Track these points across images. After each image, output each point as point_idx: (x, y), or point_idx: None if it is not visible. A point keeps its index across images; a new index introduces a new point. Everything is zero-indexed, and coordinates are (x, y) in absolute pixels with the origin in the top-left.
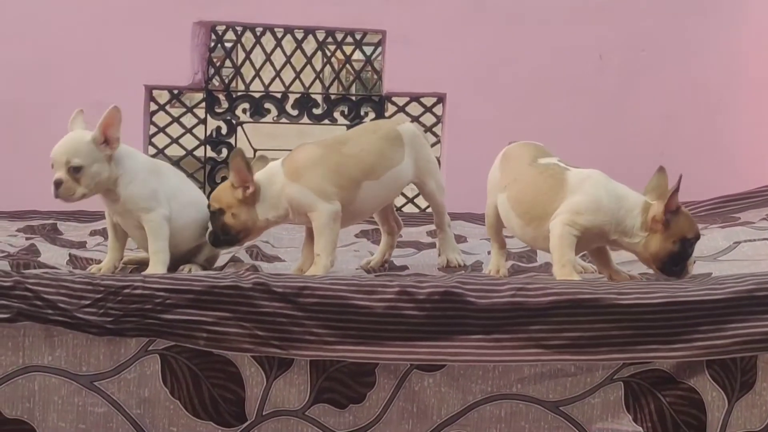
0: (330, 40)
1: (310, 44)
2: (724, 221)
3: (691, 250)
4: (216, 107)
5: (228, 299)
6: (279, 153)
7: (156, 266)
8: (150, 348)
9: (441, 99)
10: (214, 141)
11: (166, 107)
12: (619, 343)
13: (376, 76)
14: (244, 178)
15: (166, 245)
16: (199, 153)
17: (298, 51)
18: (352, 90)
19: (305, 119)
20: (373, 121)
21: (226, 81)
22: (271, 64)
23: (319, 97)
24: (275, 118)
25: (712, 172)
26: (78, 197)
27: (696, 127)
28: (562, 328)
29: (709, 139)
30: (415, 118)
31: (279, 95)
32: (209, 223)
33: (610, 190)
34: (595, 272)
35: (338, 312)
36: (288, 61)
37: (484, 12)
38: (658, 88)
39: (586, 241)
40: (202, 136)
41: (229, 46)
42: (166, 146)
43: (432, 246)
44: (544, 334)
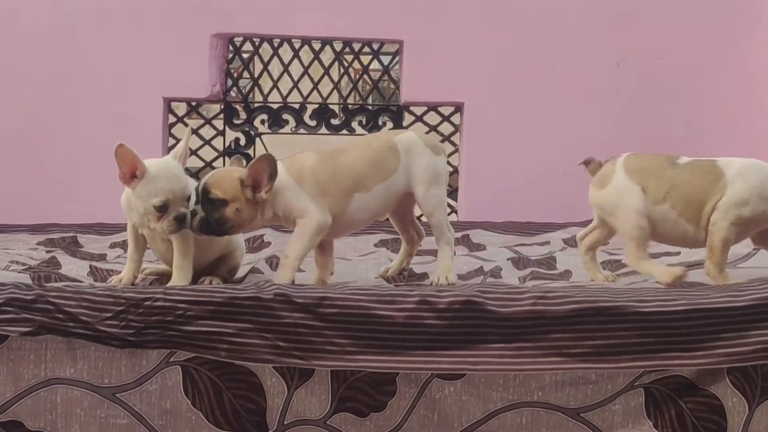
0: (347, 51)
1: (328, 55)
2: None
3: None
4: (234, 119)
5: (249, 310)
6: None
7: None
8: (171, 359)
9: (459, 108)
10: (233, 152)
11: (185, 119)
12: (641, 351)
13: (393, 86)
14: (263, 184)
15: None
16: (218, 164)
17: (316, 62)
18: (370, 100)
19: (323, 129)
20: (373, 133)
21: (244, 92)
22: (289, 75)
23: (336, 108)
24: (293, 129)
25: None
26: None
27: (715, 132)
28: (583, 336)
29: (730, 145)
30: (433, 128)
31: (297, 106)
32: (196, 207)
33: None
34: (616, 279)
35: (359, 322)
36: (306, 71)
37: (500, 20)
38: (676, 94)
39: (750, 231)
40: (221, 148)
41: (246, 58)
42: None
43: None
44: (565, 342)
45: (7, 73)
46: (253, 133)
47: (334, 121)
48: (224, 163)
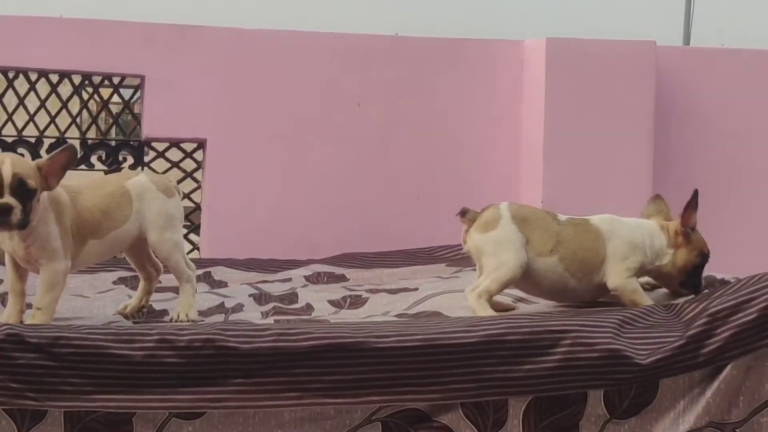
0: (87, 84)
1: (66, 88)
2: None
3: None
4: None
5: None
6: None
7: None
8: None
9: (201, 144)
10: None
11: None
12: (377, 386)
13: (135, 121)
14: (56, 175)
15: None
16: None
17: (53, 95)
18: (111, 134)
19: None
20: (107, 176)
21: None
22: (24, 107)
23: (76, 142)
24: None
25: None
26: None
27: (448, 172)
28: (323, 372)
29: (460, 184)
30: (175, 164)
31: (33, 140)
32: (9, 199)
33: (632, 224)
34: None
35: (95, 361)
36: (42, 104)
37: (242, 57)
38: (414, 135)
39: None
40: None
41: None
42: None
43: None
44: (304, 378)
45: None
46: None
47: None
48: None
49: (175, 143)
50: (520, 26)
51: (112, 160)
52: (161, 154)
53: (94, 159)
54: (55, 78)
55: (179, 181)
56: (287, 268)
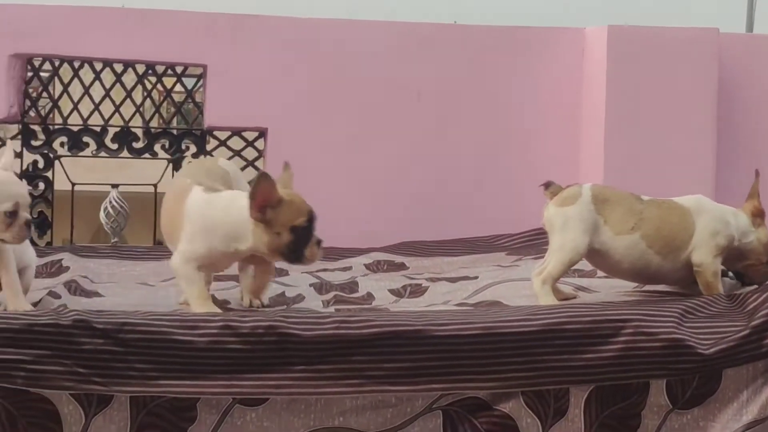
0: (150, 73)
1: (130, 77)
2: (538, 253)
3: None
4: (32, 140)
5: (47, 337)
6: (99, 187)
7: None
8: None
9: (263, 133)
10: (31, 175)
11: None
12: (437, 374)
13: (197, 110)
14: None
15: None
16: None
17: (118, 84)
18: (174, 123)
19: (125, 153)
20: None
21: (43, 114)
22: (90, 97)
23: (139, 131)
24: (94, 152)
25: (527, 205)
26: None
27: (508, 161)
28: (382, 359)
29: (520, 174)
30: (237, 152)
31: (98, 129)
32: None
33: (718, 206)
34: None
35: (160, 347)
36: (107, 94)
37: (305, 47)
38: (474, 124)
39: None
40: (18, 171)
41: (46, 78)
42: None
43: None
44: (365, 365)
45: None
46: (52, 156)
47: (137, 145)
48: None
49: (237, 132)
50: (581, 13)
51: (175, 149)
52: (223, 143)
53: (157, 147)
54: (119, 68)
55: (241, 170)
56: (347, 256)
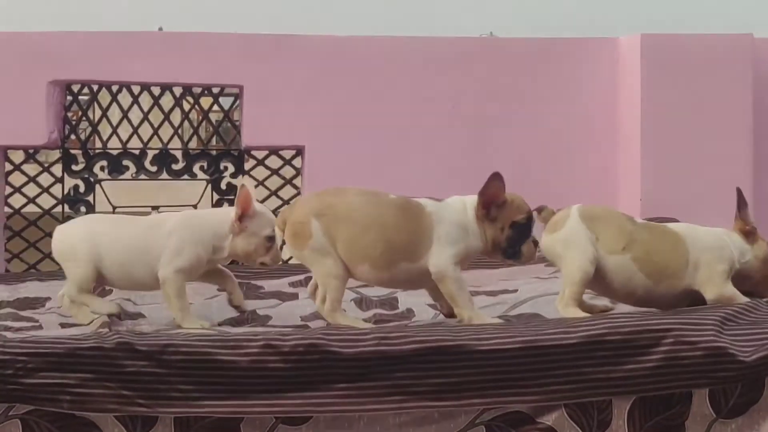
0: (187, 95)
1: (167, 99)
2: None
3: None
4: (73, 165)
5: (91, 360)
6: (140, 210)
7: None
8: (10, 413)
9: (300, 151)
10: (72, 199)
11: (21, 166)
12: (479, 388)
13: (235, 130)
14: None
15: None
16: (57, 212)
17: (156, 107)
18: (212, 143)
19: (164, 175)
20: None
21: (83, 139)
22: (128, 120)
23: (178, 153)
24: (134, 175)
25: None
26: None
27: (543, 173)
28: (424, 375)
29: (556, 185)
30: (275, 171)
31: (137, 152)
32: None
33: (706, 229)
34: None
35: (202, 368)
36: (145, 117)
37: (340, 65)
38: (509, 136)
39: None
40: (59, 195)
41: (84, 103)
42: (22, 206)
43: (294, 297)
44: (407, 381)
45: None
46: (92, 180)
47: (176, 167)
48: (63, 211)
49: (274, 151)
50: (614, 23)
51: (214, 170)
52: (261, 162)
53: (196, 168)
54: (156, 90)
55: (279, 188)
56: None
